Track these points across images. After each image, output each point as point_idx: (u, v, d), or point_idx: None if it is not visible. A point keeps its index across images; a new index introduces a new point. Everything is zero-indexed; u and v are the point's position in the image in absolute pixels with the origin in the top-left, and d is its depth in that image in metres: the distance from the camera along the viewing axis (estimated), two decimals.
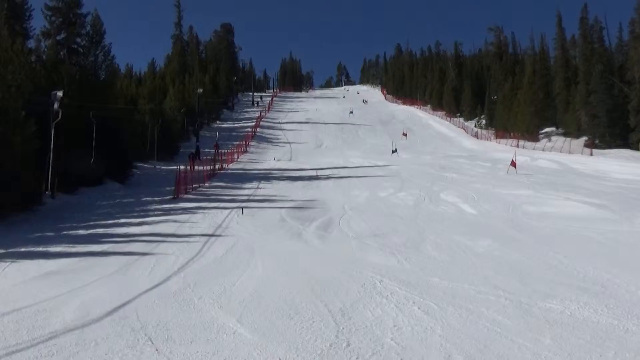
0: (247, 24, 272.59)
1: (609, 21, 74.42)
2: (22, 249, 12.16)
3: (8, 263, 10.70)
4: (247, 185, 26.32)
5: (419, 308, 7.02)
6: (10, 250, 11.99)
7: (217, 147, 42.68)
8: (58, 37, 28.61)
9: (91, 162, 23.11)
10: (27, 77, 20.79)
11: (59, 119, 21.79)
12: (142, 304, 7.63)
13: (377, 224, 14.84)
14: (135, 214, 18.19)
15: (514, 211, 16.43)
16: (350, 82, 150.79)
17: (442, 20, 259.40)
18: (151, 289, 8.50)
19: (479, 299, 7.39)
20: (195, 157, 37.04)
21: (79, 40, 29.55)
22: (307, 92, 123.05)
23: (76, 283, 9.02)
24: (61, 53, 28.17)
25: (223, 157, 37.44)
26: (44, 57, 27.46)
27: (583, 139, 45.44)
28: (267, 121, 67.67)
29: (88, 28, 29.73)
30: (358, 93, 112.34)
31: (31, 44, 28.45)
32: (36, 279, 9.56)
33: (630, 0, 53.06)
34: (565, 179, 25.70)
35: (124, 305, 7.51)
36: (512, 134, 52.53)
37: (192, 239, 13.20)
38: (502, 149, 44.71)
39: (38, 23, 72.03)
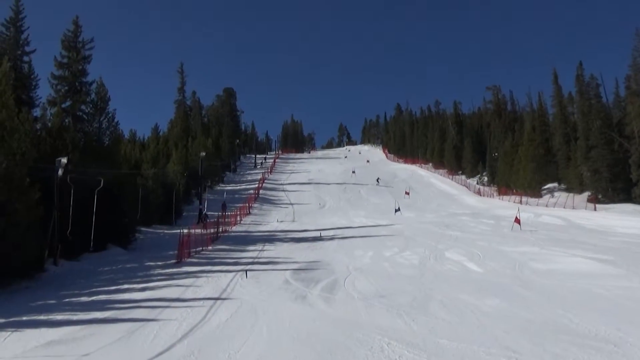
0: (249, 88, 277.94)
1: (604, 77, 75.58)
2: (24, 318, 12.01)
3: (9, 332, 10.55)
4: (251, 247, 26.20)
5: None
6: (11, 319, 11.84)
7: (224, 207, 43.72)
8: (63, 105, 29.10)
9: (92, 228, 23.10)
10: (32, 145, 21.04)
11: (100, 186, 22.70)
12: None
13: (383, 285, 14.67)
14: (138, 279, 18.02)
15: (521, 269, 16.26)
16: (351, 142, 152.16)
17: (440, 80, 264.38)
18: (154, 357, 8.35)
19: None
20: (204, 217, 37.52)
21: (84, 107, 30.07)
22: (309, 153, 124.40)
23: (78, 352, 8.88)
24: (66, 120, 28.61)
25: (227, 219, 37.44)
26: (49, 124, 27.88)
27: (586, 194, 45.43)
28: (269, 183, 67.96)
29: (93, 95, 30.31)
30: (360, 153, 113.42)
31: (37, 112, 29.00)
32: (37, 348, 9.41)
33: (625, 57, 54.06)
34: (570, 234, 25.56)
35: None
36: (514, 191, 52.59)
37: (196, 303, 13.05)
38: (505, 206, 44.69)
39: (44, 92, 73.69)
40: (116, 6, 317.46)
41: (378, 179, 68.06)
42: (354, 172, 74.92)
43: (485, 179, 66.12)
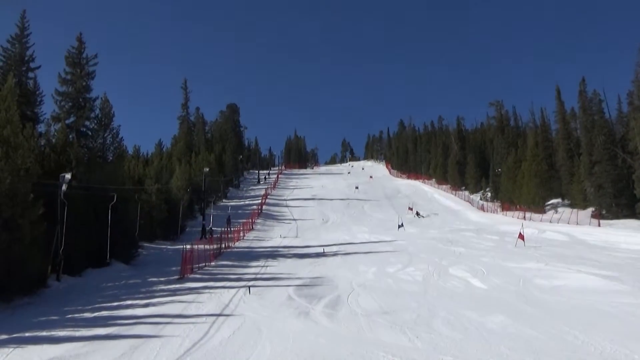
0: (253, 104, 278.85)
1: (607, 93, 75.70)
2: (27, 334, 11.96)
3: (12, 349, 10.51)
4: (254, 263, 26.14)
5: None
6: (14, 335, 11.80)
7: (229, 221, 44.39)
8: (67, 121, 29.24)
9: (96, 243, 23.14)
10: (37, 161, 21.10)
11: (114, 201, 23.35)
12: None
13: (386, 301, 14.60)
14: (141, 295, 17.97)
15: (525, 285, 16.18)
16: (354, 158, 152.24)
17: (443, 96, 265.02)
18: None
19: None
20: (209, 232, 37.70)
21: (88, 123, 30.20)
22: (312, 168, 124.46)
23: None
24: (70, 136, 28.71)
25: (230, 235, 37.38)
26: (53, 140, 28.00)
27: (590, 209, 45.24)
28: (272, 198, 67.95)
29: (97, 111, 30.44)
30: (363, 169, 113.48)
31: (41, 128, 29.16)
32: None
33: (628, 73, 54.08)
34: (575, 250, 25.45)
35: None
36: (518, 206, 52.46)
37: (198, 319, 12.99)
38: (509, 222, 44.55)
39: (48, 108, 73.98)
40: (120, 23, 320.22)
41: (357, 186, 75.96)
42: (357, 187, 74.99)
43: (489, 194, 65.98)
